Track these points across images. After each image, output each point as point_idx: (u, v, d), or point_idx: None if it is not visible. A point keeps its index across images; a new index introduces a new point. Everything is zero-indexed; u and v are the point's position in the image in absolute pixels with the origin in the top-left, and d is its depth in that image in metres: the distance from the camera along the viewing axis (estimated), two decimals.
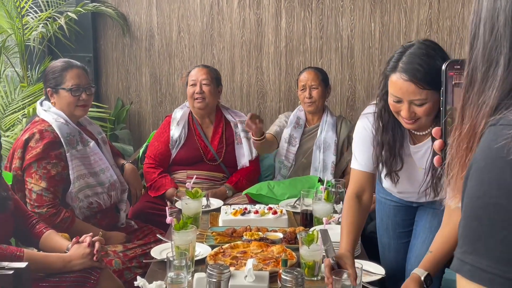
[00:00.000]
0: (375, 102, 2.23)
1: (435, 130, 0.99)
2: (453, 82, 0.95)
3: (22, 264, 2.15)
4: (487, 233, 0.71)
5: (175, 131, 3.52)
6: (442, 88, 0.96)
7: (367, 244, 2.70)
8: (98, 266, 2.37)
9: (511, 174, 0.68)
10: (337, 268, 1.98)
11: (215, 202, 3.13)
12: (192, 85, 3.47)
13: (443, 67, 0.95)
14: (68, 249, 2.37)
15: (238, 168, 3.58)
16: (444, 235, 2.07)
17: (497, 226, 0.70)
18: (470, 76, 0.79)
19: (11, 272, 2.07)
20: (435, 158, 1.01)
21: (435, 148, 1.00)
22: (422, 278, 1.96)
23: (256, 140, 3.10)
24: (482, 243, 0.72)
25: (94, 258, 2.32)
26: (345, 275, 1.89)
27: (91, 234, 2.41)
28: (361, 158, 2.28)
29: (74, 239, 2.38)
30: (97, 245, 2.34)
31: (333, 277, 1.89)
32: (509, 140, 0.68)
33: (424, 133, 2.21)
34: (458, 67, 0.94)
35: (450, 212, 2.06)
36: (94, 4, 4.09)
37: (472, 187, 0.74)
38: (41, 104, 2.96)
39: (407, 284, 1.98)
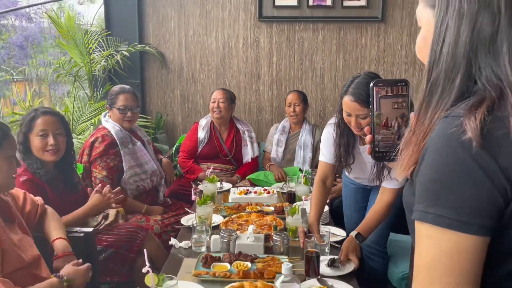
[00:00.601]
0: (335, 115, 2.30)
1: (366, 129, 1.02)
2: (379, 95, 0.97)
3: (89, 229, 2.16)
4: (446, 191, 0.73)
5: (201, 134, 3.53)
6: (370, 99, 0.98)
7: (334, 214, 2.71)
8: (114, 203, 2.35)
9: (461, 149, 0.71)
10: (308, 233, 2.03)
11: (226, 185, 3.13)
12: (212, 102, 3.50)
13: (371, 85, 0.97)
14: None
15: (243, 162, 3.58)
16: (375, 210, 2.15)
17: (453, 186, 0.73)
18: (430, 87, 0.81)
19: (82, 234, 2.10)
20: (367, 148, 1.03)
21: (366, 141, 1.02)
22: (353, 236, 2.04)
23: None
24: (442, 198, 0.74)
25: (112, 199, 2.31)
26: (313, 238, 1.91)
27: (99, 185, 2.37)
28: (326, 153, 2.34)
29: (89, 190, 2.37)
30: (106, 189, 2.31)
31: (305, 239, 1.94)
32: (458, 127, 0.72)
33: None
34: (381, 84, 0.97)
35: (383, 193, 2.15)
36: (141, 45, 4.09)
37: (432, 161, 0.76)
38: (104, 116, 2.98)
39: (345, 242, 2.05)
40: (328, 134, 2.35)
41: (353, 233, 2.08)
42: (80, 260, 1.85)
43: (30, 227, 1.88)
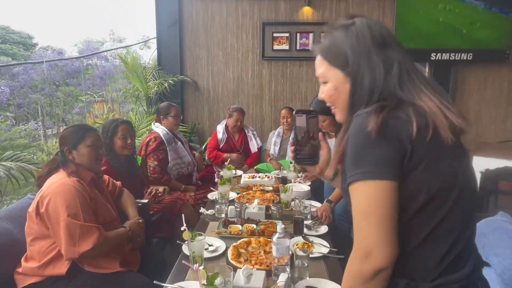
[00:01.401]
0: None
1: (291, 142, 1.11)
2: (309, 117, 1.04)
3: (145, 200, 2.15)
4: (364, 157, 0.78)
5: (220, 135, 3.50)
6: (293, 121, 1.05)
7: (315, 193, 2.64)
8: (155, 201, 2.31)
9: (367, 134, 0.77)
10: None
11: (239, 172, 3.09)
12: (235, 120, 3.43)
13: (293, 113, 1.05)
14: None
15: (252, 152, 3.54)
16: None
17: (367, 153, 0.78)
18: (353, 109, 0.87)
19: (140, 204, 2.09)
20: (291, 155, 1.07)
21: (291, 150, 1.07)
22: (325, 201, 2.14)
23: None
24: (362, 162, 0.78)
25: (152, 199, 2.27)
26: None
27: (150, 188, 2.33)
28: None
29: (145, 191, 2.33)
30: (153, 192, 2.28)
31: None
32: (364, 121, 0.79)
33: (332, 134, 2.43)
34: (300, 112, 1.04)
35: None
36: (181, 76, 4.09)
37: (351, 144, 0.81)
38: (154, 124, 2.97)
39: (322, 206, 2.12)
40: None
41: (326, 199, 2.17)
42: (141, 220, 1.86)
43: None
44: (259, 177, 2.82)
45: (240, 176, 2.95)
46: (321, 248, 1.62)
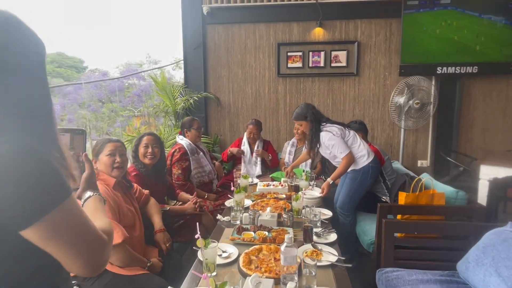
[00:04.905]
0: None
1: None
2: None
3: (166, 208, 2.12)
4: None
5: (243, 147, 3.45)
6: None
7: (324, 200, 2.52)
8: (197, 211, 2.29)
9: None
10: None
11: (256, 180, 3.02)
12: (249, 132, 3.41)
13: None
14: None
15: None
16: (337, 169, 2.41)
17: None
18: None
19: (162, 212, 2.04)
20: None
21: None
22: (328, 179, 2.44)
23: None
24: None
25: (196, 208, 2.27)
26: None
27: (195, 198, 2.33)
28: None
29: (190, 201, 2.31)
30: (197, 201, 2.29)
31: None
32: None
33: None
34: None
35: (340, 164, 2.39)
36: (205, 93, 4.09)
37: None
38: (178, 136, 2.95)
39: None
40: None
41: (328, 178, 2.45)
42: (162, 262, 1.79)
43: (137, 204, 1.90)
44: (273, 185, 2.74)
45: (256, 184, 2.87)
46: (330, 256, 1.52)
